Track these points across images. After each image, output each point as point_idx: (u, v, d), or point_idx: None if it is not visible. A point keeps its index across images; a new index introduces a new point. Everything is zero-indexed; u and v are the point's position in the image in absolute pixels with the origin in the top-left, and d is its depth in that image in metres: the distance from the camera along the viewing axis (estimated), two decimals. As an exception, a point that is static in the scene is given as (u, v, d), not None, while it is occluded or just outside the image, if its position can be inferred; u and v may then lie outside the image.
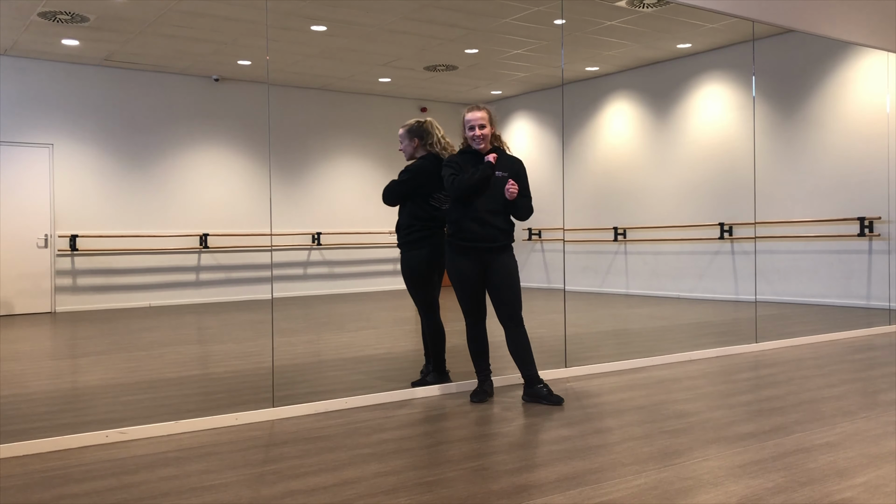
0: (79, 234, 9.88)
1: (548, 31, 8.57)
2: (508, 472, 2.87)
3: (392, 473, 2.88)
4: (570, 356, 5.13)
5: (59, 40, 8.77)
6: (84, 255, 9.94)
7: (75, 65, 9.89)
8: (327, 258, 11.75)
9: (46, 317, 9.07)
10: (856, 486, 2.66)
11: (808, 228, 8.85)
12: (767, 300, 9.04)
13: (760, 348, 5.83)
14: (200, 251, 10.73)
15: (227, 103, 11.00)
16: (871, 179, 8.31)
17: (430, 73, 10.67)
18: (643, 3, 7.71)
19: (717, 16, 7.43)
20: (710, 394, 4.22)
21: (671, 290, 10.29)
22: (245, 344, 6.40)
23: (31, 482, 2.85)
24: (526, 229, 12.37)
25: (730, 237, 9.60)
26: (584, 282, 11.43)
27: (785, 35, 9.07)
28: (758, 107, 9.36)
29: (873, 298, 8.12)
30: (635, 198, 10.83)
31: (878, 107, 8.25)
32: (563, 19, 8.26)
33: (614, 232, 11.00)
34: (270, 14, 7.85)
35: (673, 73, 10.36)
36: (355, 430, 3.54)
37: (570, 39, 9.06)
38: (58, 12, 7.71)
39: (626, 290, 10.87)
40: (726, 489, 2.64)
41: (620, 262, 10.96)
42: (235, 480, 2.83)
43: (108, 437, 3.40)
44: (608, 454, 3.08)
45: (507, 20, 8.18)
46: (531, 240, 12.29)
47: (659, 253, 10.47)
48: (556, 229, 11.89)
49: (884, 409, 3.80)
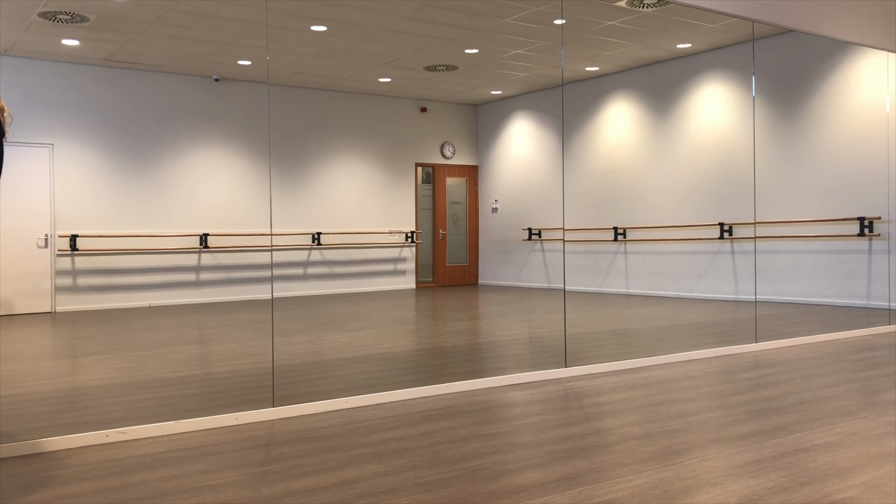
0: (79, 234, 9.88)
1: (548, 31, 8.57)
2: (508, 472, 2.87)
3: (392, 473, 2.88)
4: (570, 356, 5.13)
5: (59, 40, 8.77)
6: (84, 255, 9.94)
7: (75, 65, 9.90)
8: (327, 258, 11.75)
9: (46, 317, 9.08)
10: (856, 486, 2.66)
11: (808, 228, 8.85)
12: (767, 300, 9.04)
13: (760, 348, 5.83)
14: (200, 251, 10.73)
15: (227, 103, 11.00)
16: (871, 179, 8.32)
17: (430, 73, 10.67)
18: (643, 3, 7.71)
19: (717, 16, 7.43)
20: (710, 394, 4.22)
21: (671, 289, 10.29)
22: (245, 344, 6.40)
23: (31, 482, 2.85)
24: (526, 229, 12.38)
25: (730, 237, 9.60)
26: (584, 282, 11.43)
27: (785, 35, 9.07)
28: (758, 107, 9.36)
29: (873, 298, 8.12)
30: (635, 198, 10.83)
31: (878, 107, 8.25)
32: (563, 19, 8.26)
33: (614, 232, 11.00)
34: (270, 14, 7.87)
35: (673, 73, 10.37)
36: (355, 430, 3.54)
37: (569, 39, 9.06)
38: (58, 12, 7.71)
39: (626, 290, 10.87)
40: (726, 489, 2.64)
41: (620, 262, 10.96)
42: (235, 480, 2.84)
43: (108, 437, 3.40)
44: (608, 454, 3.08)
45: (507, 20, 8.18)
46: (531, 240, 12.29)
47: (659, 253, 10.47)
48: (556, 229, 11.89)
49: (884, 409, 3.81)
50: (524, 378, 4.65)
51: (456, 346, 4.83)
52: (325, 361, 5.53)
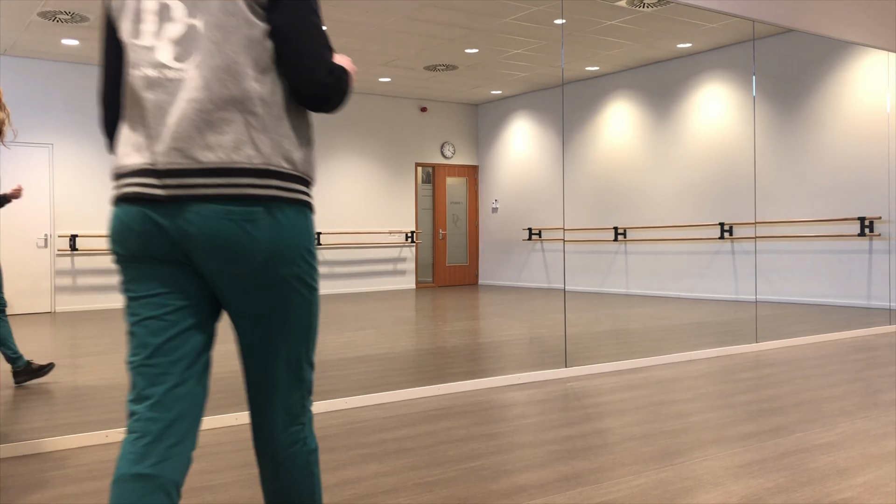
0: (79, 234, 9.88)
1: (548, 30, 8.57)
2: (508, 472, 2.87)
3: (392, 473, 2.88)
4: (570, 356, 5.12)
5: (59, 40, 8.77)
6: (84, 255, 9.94)
7: (75, 65, 9.90)
8: (327, 258, 11.74)
9: (46, 317, 9.07)
10: (856, 486, 2.66)
11: (808, 228, 8.85)
12: (767, 300, 9.04)
13: (760, 348, 5.83)
14: (200, 251, 10.73)
15: (227, 103, 10.99)
16: (871, 179, 8.31)
17: (430, 73, 10.67)
18: (643, 3, 7.71)
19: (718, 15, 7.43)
20: (710, 394, 4.22)
21: (671, 289, 10.28)
22: (245, 344, 6.38)
23: (31, 482, 2.85)
24: (526, 229, 12.38)
25: (730, 237, 9.60)
26: (584, 282, 11.43)
27: (785, 35, 9.07)
28: (758, 107, 9.36)
29: (873, 298, 8.11)
30: (635, 198, 10.83)
31: (878, 107, 8.25)
32: (563, 19, 8.26)
33: (614, 232, 11.00)
34: (270, 14, 7.88)
35: (673, 73, 10.36)
36: (355, 430, 3.54)
37: (570, 39, 9.06)
38: (58, 12, 7.71)
39: (626, 289, 10.87)
40: (726, 489, 2.64)
41: (620, 261, 10.96)
42: (235, 480, 2.83)
43: (108, 437, 3.40)
44: (608, 454, 3.08)
45: (507, 20, 8.18)
46: (531, 240, 12.29)
47: (659, 253, 10.46)
48: (556, 229, 11.89)
49: (884, 409, 3.80)
50: (524, 378, 4.65)
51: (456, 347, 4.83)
52: (325, 361, 5.53)
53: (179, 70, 1.47)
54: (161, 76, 1.47)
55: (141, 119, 1.49)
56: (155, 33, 1.49)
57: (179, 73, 1.47)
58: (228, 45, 1.46)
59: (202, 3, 1.47)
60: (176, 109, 1.45)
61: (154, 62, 1.48)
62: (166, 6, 1.49)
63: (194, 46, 1.46)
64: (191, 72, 1.46)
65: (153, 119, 1.47)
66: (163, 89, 1.47)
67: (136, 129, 1.50)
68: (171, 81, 1.47)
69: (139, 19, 1.51)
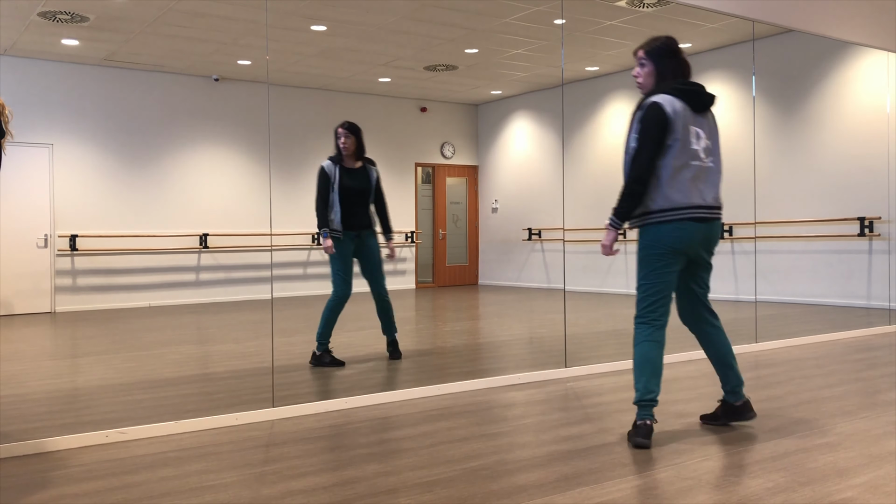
0: (79, 234, 9.88)
1: (548, 31, 8.57)
2: (508, 473, 2.87)
3: (392, 473, 2.88)
4: (570, 356, 5.13)
5: (59, 40, 8.77)
6: (84, 255, 9.94)
7: (75, 65, 9.89)
8: (327, 258, 11.74)
9: (46, 317, 9.07)
10: (856, 486, 2.66)
11: (808, 228, 8.85)
12: (767, 300, 9.04)
13: (760, 348, 5.83)
14: (200, 251, 10.73)
15: (227, 103, 11.00)
16: (871, 179, 8.31)
17: (430, 73, 10.67)
18: (643, 3, 7.71)
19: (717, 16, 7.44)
20: (710, 394, 4.22)
21: (671, 290, 10.27)
22: (245, 344, 6.39)
23: (31, 482, 2.85)
24: (526, 229, 12.38)
25: (730, 237, 9.60)
26: (584, 282, 11.43)
27: (785, 35, 9.07)
28: (758, 107, 9.36)
29: (873, 298, 8.11)
30: (635, 198, 10.82)
31: (878, 107, 8.25)
32: (563, 19, 8.26)
33: (614, 232, 10.98)
34: (270, 14, 7.87)
35: (673, 73, 10.35)
36: (355, 430, 3.54)
37: (569, 39, 9.06)
38: (58, 12, 7.71)
39: (626, 290, 10.87)
40: (726, 489, 2.64)
41: (620, 262, 10.96)
42: (235, 480, 2.83)
43: (108, 437, 3.40)
44: (608, 454, 3.08)
45: (507, 20, 8.18)
46: (531, 240, 12.29)
47: (659, 253, 10.45)
48: (556, 229, 11.89)
49: (884, 409, 3.80)
50: (524, 378, 4.65)
51: (456, 347, 4.83)
52: (325, 361, 5.52)
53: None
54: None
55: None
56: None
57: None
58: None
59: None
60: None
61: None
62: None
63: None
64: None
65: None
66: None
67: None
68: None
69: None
